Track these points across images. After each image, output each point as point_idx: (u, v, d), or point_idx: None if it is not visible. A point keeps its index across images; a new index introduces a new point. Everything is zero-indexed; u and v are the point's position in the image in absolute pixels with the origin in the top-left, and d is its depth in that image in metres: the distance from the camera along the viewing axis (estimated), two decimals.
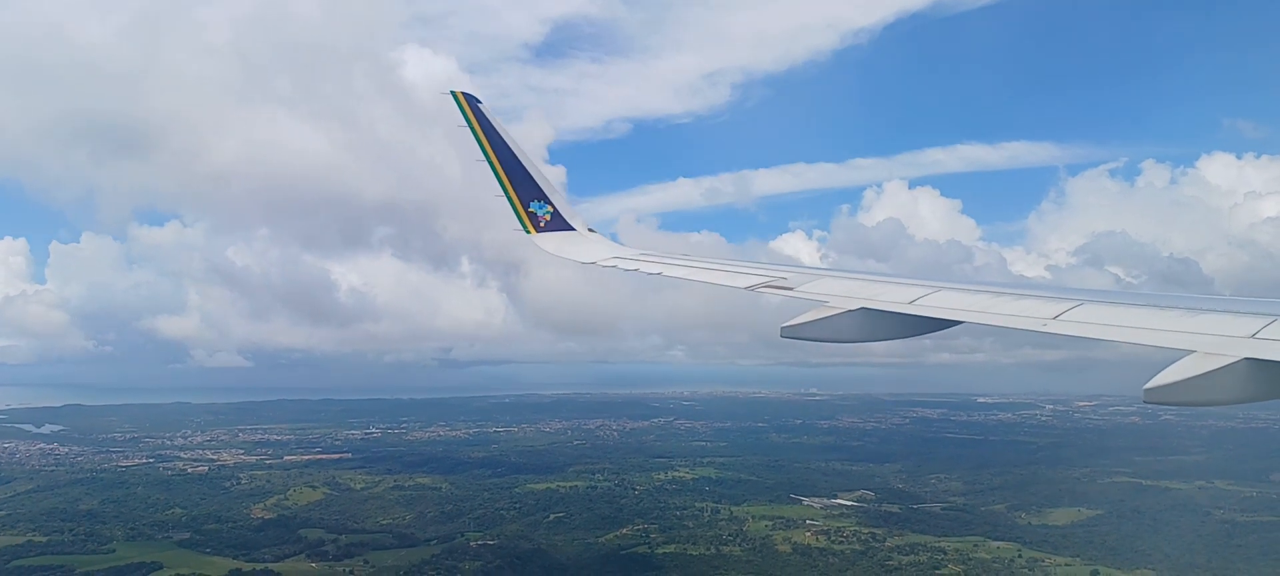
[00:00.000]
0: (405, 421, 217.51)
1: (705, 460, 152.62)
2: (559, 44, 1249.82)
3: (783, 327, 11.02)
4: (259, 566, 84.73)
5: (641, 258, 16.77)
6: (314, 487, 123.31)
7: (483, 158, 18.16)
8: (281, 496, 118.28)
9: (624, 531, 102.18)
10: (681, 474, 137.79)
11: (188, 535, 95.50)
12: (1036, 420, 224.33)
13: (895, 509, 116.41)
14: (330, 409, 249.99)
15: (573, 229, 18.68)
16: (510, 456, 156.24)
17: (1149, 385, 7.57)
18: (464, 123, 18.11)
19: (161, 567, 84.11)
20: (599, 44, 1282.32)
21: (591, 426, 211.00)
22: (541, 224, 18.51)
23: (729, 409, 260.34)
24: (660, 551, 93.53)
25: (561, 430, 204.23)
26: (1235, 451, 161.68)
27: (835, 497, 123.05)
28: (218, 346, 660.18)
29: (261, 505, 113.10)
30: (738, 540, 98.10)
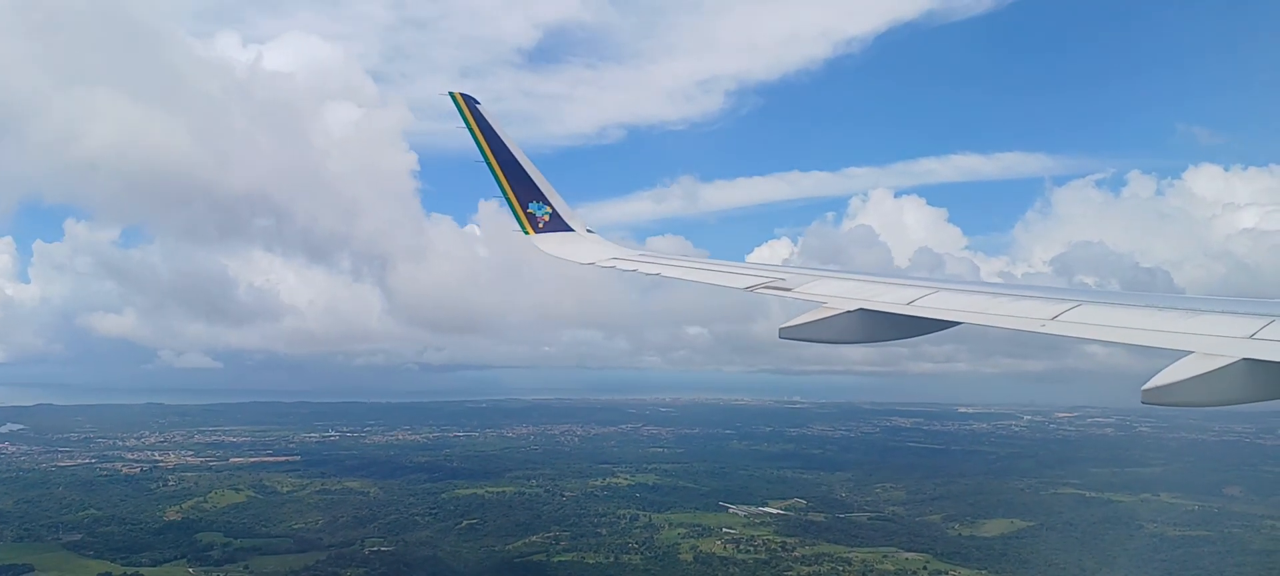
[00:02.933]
0: (370, 425, 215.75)
1: (650, 466, 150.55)
2: (552, 49, 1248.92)
3: (781, 329, 10.96)
4: (132, 571, 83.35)
5: (640, 258, 16.82)
6: (237, 491, 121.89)
7: (481, 158, 18.22)
8: (201, 499, 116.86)
9: (533, 539, 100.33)
10: (620, 480, 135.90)
11: (79, 537, 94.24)
12: (1009, 430, 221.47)
13: (820, 518, 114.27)
14: (301, 411, 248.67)
15: (571, 230, 18.69)
16: (455, 461, 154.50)
17: (1148, 386, 7.50)
18: (462, 124, 18.18)
19: (33, 570, 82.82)
20: (592, 49, 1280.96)
21: (556, 432, 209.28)
22: (540, 225, 18.53)
23: (703, 415, 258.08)
24: (557, 559, 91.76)
25: (524, 435, 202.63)
26: (1197, 464, 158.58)
27: (764, 505, 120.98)
28: (188, 347, 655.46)
29: (177, 508, 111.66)
30: (644, 548, 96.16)
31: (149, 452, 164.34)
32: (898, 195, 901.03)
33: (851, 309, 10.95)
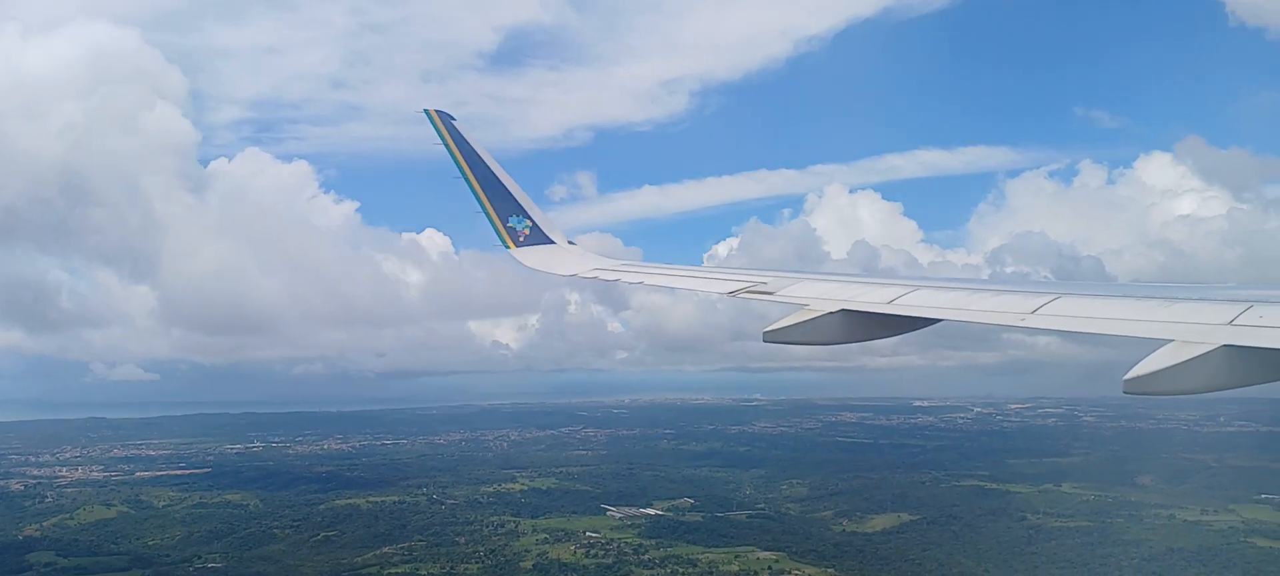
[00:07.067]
0: (305, 434, 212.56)
1: (557, 470, 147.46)
2: (514, 52, 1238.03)
3: (765, 332, 11.03)
4: None
5: (623, 268, 16.93)
6: (109, 506, 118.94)
7: (459, 174, 18.19)
8: (67, 516, 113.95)
9: (385, 549, 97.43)
10: (516, 485, 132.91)
11: None
12: (954, 423, 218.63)
13: (698, 518, 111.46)
14: (240, 422, 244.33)
15: (552, 242, 18.69)
16: (358, 470, 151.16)
17: (1129, 376, 7.49)
18: (438, 140, 18.08)
19: None
20: (554, 52, 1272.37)
21: (487, 437, 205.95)
22: (521, 238, 18.45)
23: (651, 415, 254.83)
24: (389, 571, 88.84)
25: (453, 441, 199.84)
26: (1119, 453, 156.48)
27: (648, 507, 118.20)
28: (119, 360, 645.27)
29: (36, 526, 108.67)
30: (491, 556, 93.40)
31: (56, 468, 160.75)
32: (853, 191, 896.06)
33: (833, 310, 10.98)
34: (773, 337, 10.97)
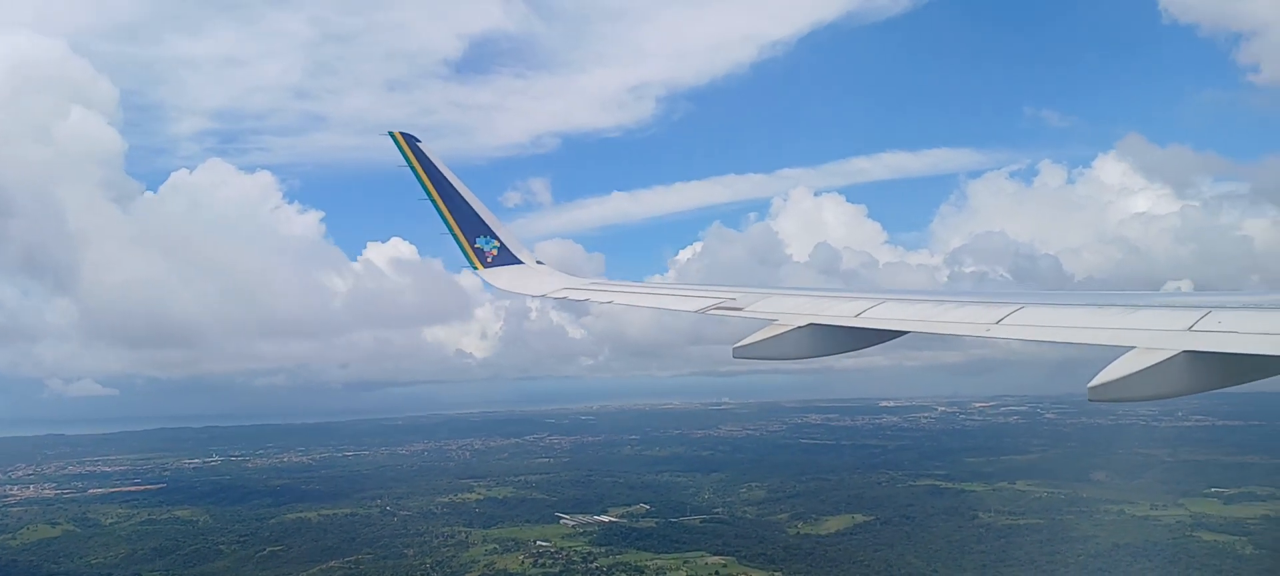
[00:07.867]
0: (266, 448, 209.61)
1: (516, 479, 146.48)
2: (479, 60, 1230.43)
3: (735, 348, 11.15)
4: None
5: (592, 288, 16.87)
6: (55, 525, 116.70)
7: (425, 196, 18.02)
8: (11, 536, 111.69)
9: (332, 564, 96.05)
10: (473, 495, 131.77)
11: None
12: (917, 423, 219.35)
13: (651, 524, 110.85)
14: (202, 437, 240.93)
15: (520, 262, 18.58)
16: (315, 483, 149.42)
17: (1093, 383, 7.59)
18: (403, 162, 17.93)
19: None
20: (520, 59, 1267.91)
21: (451, 447, 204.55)
22: (489, 259, 18.35)
23: (619, 422, 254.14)
24: None
25: (417, 452, 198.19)
26: (1075, 450, 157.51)
27: (602, 514, 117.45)
28: (77, 375, 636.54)
29: None
30: (438, 569, 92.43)
31: (7, 487, 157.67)
32: (819, 194, 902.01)
33: (802, 324, 11.08)
34: (742, 354, 11.06)
